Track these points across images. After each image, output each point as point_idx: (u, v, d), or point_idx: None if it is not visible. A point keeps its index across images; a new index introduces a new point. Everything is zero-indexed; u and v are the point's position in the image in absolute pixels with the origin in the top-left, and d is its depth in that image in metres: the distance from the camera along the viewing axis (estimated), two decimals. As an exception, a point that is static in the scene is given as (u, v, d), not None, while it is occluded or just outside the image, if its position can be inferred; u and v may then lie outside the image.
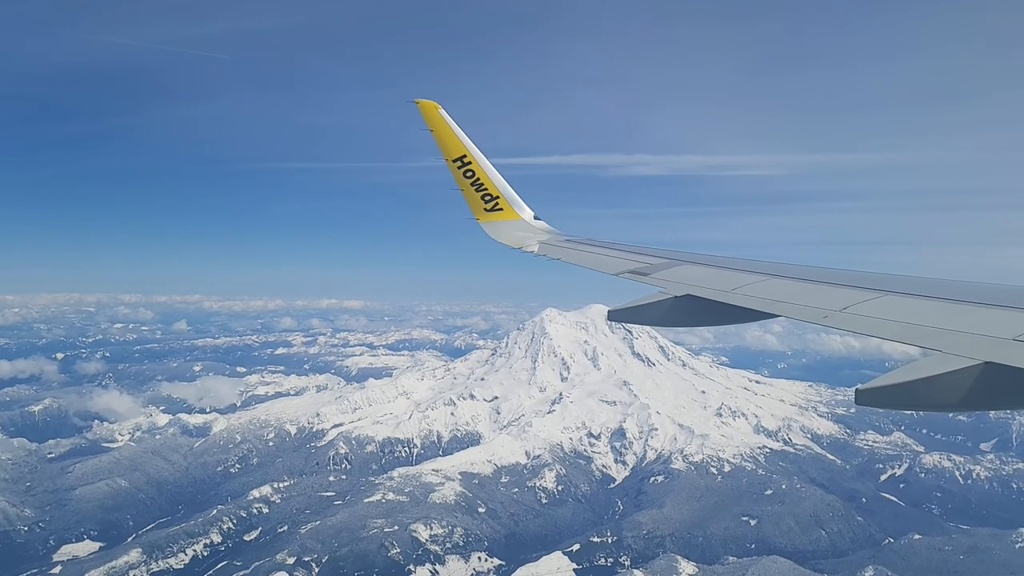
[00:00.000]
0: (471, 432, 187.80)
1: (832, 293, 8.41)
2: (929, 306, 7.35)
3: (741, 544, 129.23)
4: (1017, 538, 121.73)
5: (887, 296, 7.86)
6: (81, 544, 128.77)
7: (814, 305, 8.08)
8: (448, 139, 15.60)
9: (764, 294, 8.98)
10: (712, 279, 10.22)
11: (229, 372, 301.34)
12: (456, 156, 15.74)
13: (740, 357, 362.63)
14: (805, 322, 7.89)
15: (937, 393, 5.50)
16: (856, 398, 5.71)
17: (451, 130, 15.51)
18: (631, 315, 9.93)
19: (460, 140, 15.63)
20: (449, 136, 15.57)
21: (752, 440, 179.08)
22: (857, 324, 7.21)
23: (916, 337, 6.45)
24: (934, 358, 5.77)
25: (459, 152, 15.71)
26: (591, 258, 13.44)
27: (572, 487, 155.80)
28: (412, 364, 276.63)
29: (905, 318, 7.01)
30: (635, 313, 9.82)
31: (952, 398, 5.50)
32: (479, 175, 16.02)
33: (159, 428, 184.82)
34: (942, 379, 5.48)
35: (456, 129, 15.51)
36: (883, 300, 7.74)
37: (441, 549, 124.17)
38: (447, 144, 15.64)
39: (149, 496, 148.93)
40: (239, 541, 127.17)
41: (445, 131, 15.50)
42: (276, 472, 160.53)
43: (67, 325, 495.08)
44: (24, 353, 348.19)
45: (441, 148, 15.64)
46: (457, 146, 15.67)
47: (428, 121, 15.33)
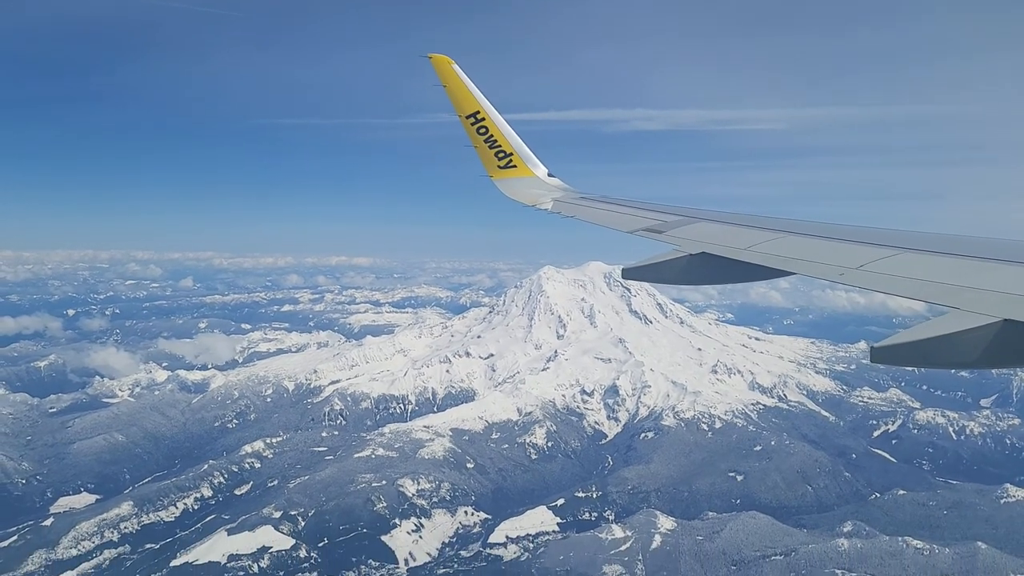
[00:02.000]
0: (466, 389, 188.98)
1: (848, 250, 8.45)
2: (946, 263, 7.35)
3: (726, 500, 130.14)
4: (1002, 494, 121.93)
5: (903, 253, 7.85)
6: (78, 496, 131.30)
7: (829, 262, 8.12)
8: (461, 95, 15.39)
9: (779, 251, 8.98)
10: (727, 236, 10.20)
11: (234, 329, 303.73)
12: (470, 112, 15.56)
13: (746, 314, 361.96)
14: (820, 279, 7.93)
15: (954, 351, 5.50)
16: (871, 356, 5.73)
17: (464, 86, 15.29)
18: (645, 273, 9.98)
19: (474, 96, 15.42)
20: (463, 92, 15.36)
21: (746, 397, 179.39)
22: (873, 281, 7.22)
23: (933, 295, 6.46)
24: (951, 316, 5.77)
25: (473, 108, 15.52)
26: (605, 216, 13.42)
27: (562, 443, 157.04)
28: (414, 322, 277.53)
29: (921, 275, 7.01)
30: (649, 271, 9.89)
31: (969, 356, 5.49)
32: (493, 132, 15.87)
33: (158, 384, 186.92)
34: (959, 337, 5.47)
35: (470, 85, 15.29)
36: (899, 257, 7.73)
37: (428, 503, 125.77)
38: (460, 100, 15.45)
39: (146, 451, 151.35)
40: (229, 495, 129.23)
41: (459, 87, 15.29)
42: (272, 428, 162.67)
43: (80, 282, 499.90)
44: (36, 309, 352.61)
45: (454, 104, 15.45)
46: (471, 102, 15.47)
47: (441, 76, 15.10)
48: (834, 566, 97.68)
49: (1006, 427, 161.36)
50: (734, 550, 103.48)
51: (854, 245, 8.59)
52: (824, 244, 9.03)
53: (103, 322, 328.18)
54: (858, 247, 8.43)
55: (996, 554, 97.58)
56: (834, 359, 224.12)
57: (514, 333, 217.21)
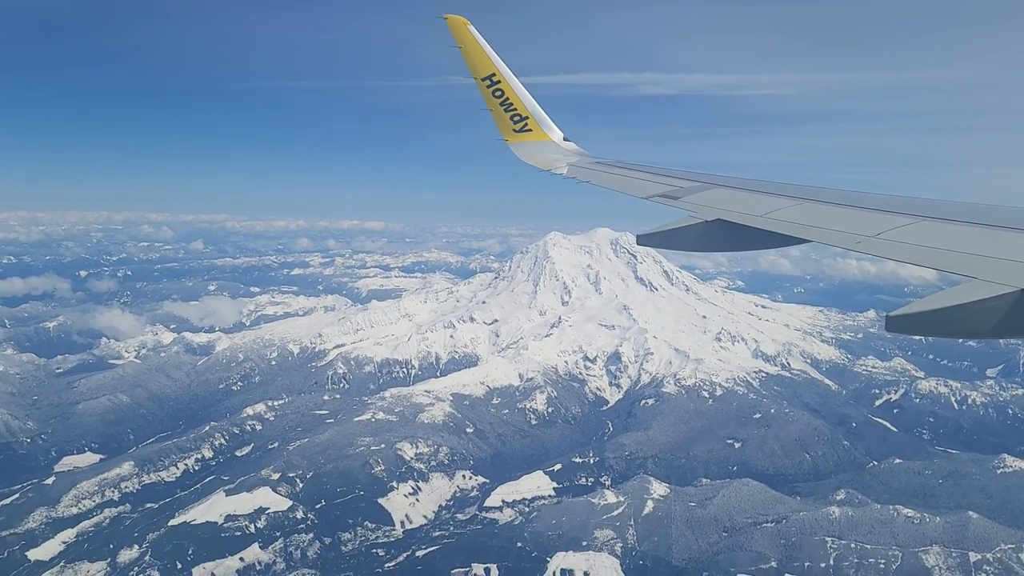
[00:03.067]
0: (469, 354, 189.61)
1: (865, 218, 8.44)
2: (964, 232, 7.35)
3: (723, 467, 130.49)
4: (999, 463, 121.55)
5: (921, 222, 7.83)
6: (82, 456, 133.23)
7: (846, 230, 8.10)
8: (477, 57, 15.17)
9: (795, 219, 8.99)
10: (743, 203, 10.18)
11: (243, 292, 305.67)
12: (485, 75, 15.33)
13: (757, 281, 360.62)
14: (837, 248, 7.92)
15: (970, 321, 5.51)
16: (886, 324, 5.74)
17: (480, 47, 15.08)
18: (660, 240, 10.00)
19: (490, 58, 15.19)
20: (478, 54, 15.14)
21: (749, 365, 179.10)
22: (890, 250, 7.24)
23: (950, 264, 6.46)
24: (968, 285, 5.76)
25: (488, 70, 15.29)
26: (620, 181, 13.36)
27: (563, 409, 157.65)
28: (422, 287, 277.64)
29: (939, 244, 7.01)
30: (664, 238, 9.89)
31: (985, 325, 5.50)
32: (508, 95, 15.68)
33: (164, 346, 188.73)
34: (976, 306, 5.47)
35: (486, 46, 15.08)
36: (917, 226, 7.71)
37: (426, 467, 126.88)
38: (476, 62, 15.23)
39: (150, 411, 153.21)
40: (230, 456, 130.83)
41: (474, 48, 15.07)
42: (275, 391, 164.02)
43: (93, 243, 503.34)
44: (48, 270, 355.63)
45: (470, 66, 15.23)
46: (486, 64, 15.24)
47: (457, 38, 14.88)
48: (824, 533, 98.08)
49: (1009, 397, 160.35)
50: (726, 516, 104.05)
51: (871, 213, 8.59)
52: (841, 212, 9.03)
53: (113, 284, 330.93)
54: (875, 215, 8.44)
55: (987, 524, 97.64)
56: (841, 328, 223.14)
57: (519, 299, 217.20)
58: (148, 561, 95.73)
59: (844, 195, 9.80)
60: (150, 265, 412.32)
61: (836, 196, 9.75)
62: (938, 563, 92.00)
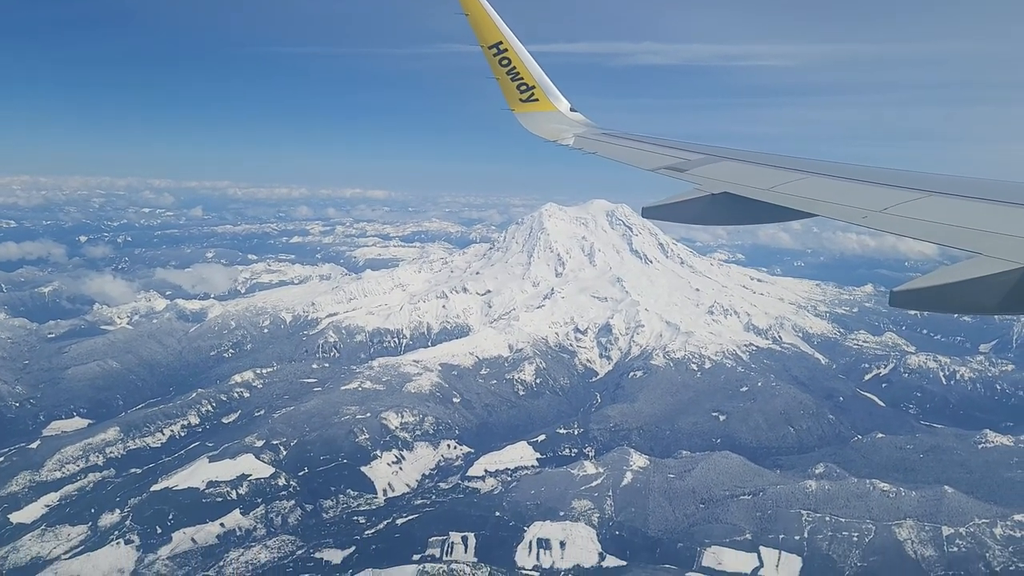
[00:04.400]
0: (461, 325, 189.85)
1: (873, 193, 8.42)
2: (972, 207, 7.32)
3: (706, 439, 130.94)
4: (981, 439, 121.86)
5: (929, 197, 7.80)
6: (70, 421, 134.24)
7: (853, 205, 8.08)
8: (484, 24, 14.90)
9: (802, 193, 8.97)
10: (750, 176, 10.15)
11: (240, 260, 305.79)
12: (492, 42, 15.07)
13: (757, 254, 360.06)
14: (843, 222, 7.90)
15: (976, 296, 5.51)
16: (891, 299, 5.73)
17: (487, 14, 14.82)
18: (665, 212, 9.94)
19: (497, 25, 14.93)
20: (485, 21, 14.87)
21: (740, 338, 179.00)
22: (896, 225, 7.23)
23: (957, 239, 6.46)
24: (975, 261, 5.77)
25: (495, 38, 15.03)
26: (627, 153, 13.31)
27: (551, 380, 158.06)
28: (419, 256, 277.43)
29: (946, 219, 6.99)
30: (670, 210, 9.84)
31: (991, 301, 5.49)
32: (515, 63, 15.43)
33: (156, 312, 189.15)
34: (982, 282, 5.47)
35: (492, 13, 14.83)
36: (925, 201, 7.69)
37: (410, 436, 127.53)
38: (483, 29, 14.96)
39: (140, 377, 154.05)
40: (216, 424, 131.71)
41: (481, 15, 14.81)
42: (266, 358, 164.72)
43: (95, 208, 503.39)
44: (47, 235, 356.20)
45: (476, 34, 14.97)
46: (493, 32, 14.98)
47: (464, 4, 14.64)
48: (800, 506, 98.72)
49: (998, 373, 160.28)
50: (703, 489, 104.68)
51: (879, 187, 8.56)
52: (848, 186, 8.98)
53: (112, 250, 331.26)
54: (883, 189, 8.40)
55: (963, 498, 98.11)
56: (837, 302, 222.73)
57: (512, 270, 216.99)
58: (129, 525, 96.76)
59: (851, 169, 9.78)
60: (150, 231, 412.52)
61: (843, 170, 9.75)
62: (911, 536, 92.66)
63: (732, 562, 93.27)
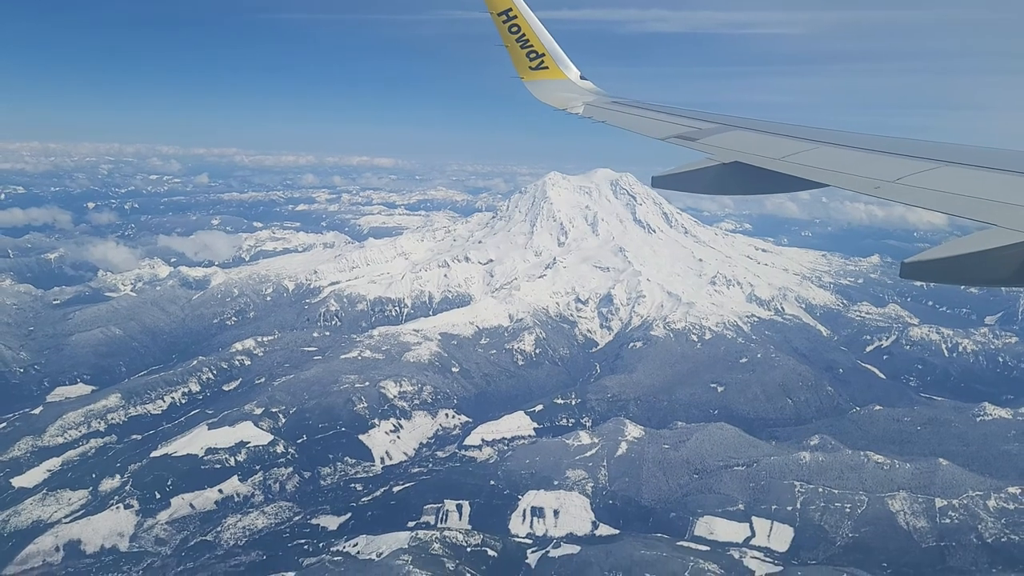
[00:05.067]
0: (462, 294, 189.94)
1: (886, 163, 8.35)
2: (986, 178, 7.28)
3: (704, 410, 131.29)
4: (979, 412, 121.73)
5: (943, 167, 7.74)
6: (74, 387, 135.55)
7: (866, 175, 8.02)
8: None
9: (814, 163, 8.89)
10: (762, 146, 10.10)
11: (246, 227, 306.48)
12: (502, 9, 14.99)
13: (765, 224, 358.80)
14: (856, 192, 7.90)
15: (989, 268, 5.47)
16: (901, 271, 5.73)
17: None
18: (676, 182, 9.87)
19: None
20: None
21: (742, 309, 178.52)
22: (910, 196, 7.17)
23: (970, 210, 6.42)
24: (988, 232, 5.73)
25: (505, 5, 14.94)
26: (637, 121, 13.26)
27: (550, 350, 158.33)
28: (423, 225, 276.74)
29: (960, 190, 6.94)
30: (680, 180, 9.78)
31: (1004, 272, 5.45)
32: (525, 31, 15.31)
33: (160, 280, 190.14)
34: (995, 253, 5.42)
35: None
36: (938, 171, 7.62)
37: (408, 405, 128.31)
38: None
39: (143, 344, 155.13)
40: (217, 391, 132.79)
41: None
42: (267, 326, 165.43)
43: (104, 175, 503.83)
44: (56, 201, 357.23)
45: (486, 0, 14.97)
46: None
47: None
48: (793, 478, 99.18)
49: (1001, 345, 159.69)
50: (697, 459, 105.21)
51: (892, 157, 8.48)
52: (861, 156, 8.93)
53: (118, 216, 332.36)
54: (896, 160, 8.33)
55: (957, 470, 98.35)
56: (842, 272, 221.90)
57: (515, 239, 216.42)
58: (128, 491, 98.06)
59: (864, 139, 9.69)
60: (157, 198, 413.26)
61: (856, 140, 9.68)
62: (903, 508, 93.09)
63: (724, 531, 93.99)
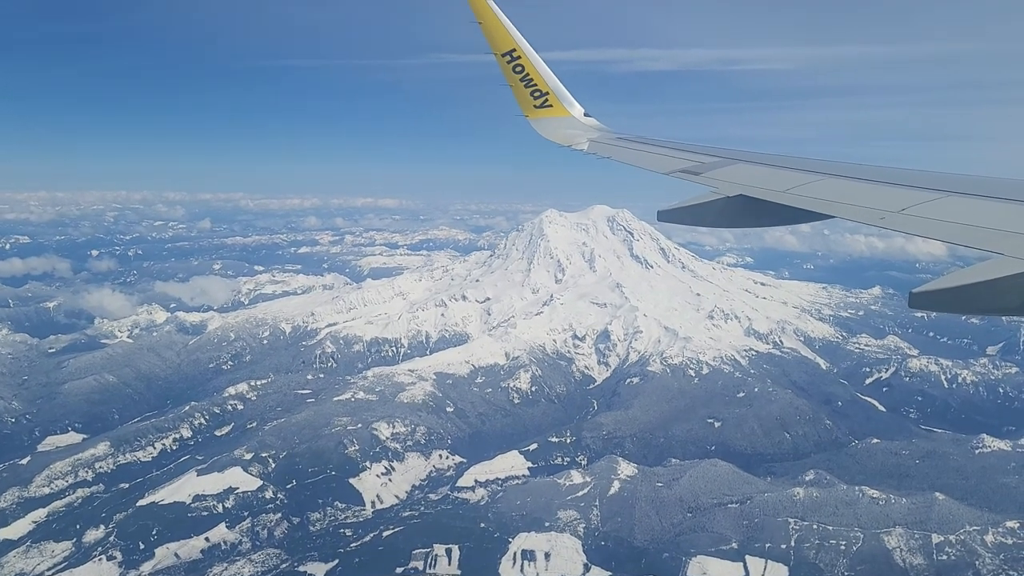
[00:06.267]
0: (460, 333, 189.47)
1: (890, 193, 8.38)
2: (991, 207, 7.27)
3: (701, 446, 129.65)
4: (978, 444, 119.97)
5: (947, 197, 7.74)
6: (65, 435, 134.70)
7: (871, 206, 8.05)
8: (497, 32, 15.06)
9: (819, 194, 8.94)
10: (766, 179, 10.15)
11: (246, 271, 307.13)
12: (505, 50, 15.22)
13: (767, 258, 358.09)
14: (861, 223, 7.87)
15: (997, 297, 5.45)
16: (910, 301, 5.69)
17: (500, 22, 14.95)
18: (681, 215, 9.92)
19: (510, 33, 15.09)
20: (498, 28, 15.02)
21: (740, 343, 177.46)
22: (915, 226, 7.18)
23: (976, 239, 6.43)
24: (995, 261, 5.73)
25: (509, 46, 15.17)
26: (641, 157, 13.38)
27: (546, 388, 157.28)
28: (423, 264, 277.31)
29: (964, 219, 6.94)
30: (685, 214, 9.83)
31: (1012, 302, 5.44)
32: (529, 70, 15.59)
33: (157, 325, 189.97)
34: (1004, 283, 5.41)
35: (506, 21, 14.95)
36: (943, 201, 7.63)
37: (401, 447, 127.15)
38: (496, 37, 15.11)
39: (137, 391, 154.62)
40: (209, 436, 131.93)
41: (494, 23, 14.94)
42: (263, 370, 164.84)
43: (110, 222, 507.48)
44: (61, 250, 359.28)
45: (490, 41, 15.11)
46: (506, 39, 15.13)
47: (477, 13, 14.76)
48: (787, 515, 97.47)
49: (1001, 376, 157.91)
50: (691, 497, 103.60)
51: (895, 188, 8.50)
52: (866, 187, 8.93)
53: (118, 263, 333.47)
54: (900, 190, 8.36)
55: (954, 505, 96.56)
56: (842, 305, 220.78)
57: (512, 277, 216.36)
58: (112, 541, 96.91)
59: (867, 170, 9.70)
60: (161, 244, 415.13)
61: (859, 171, 9.69)
62: (899, 544, 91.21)
63: (718, 572, 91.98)
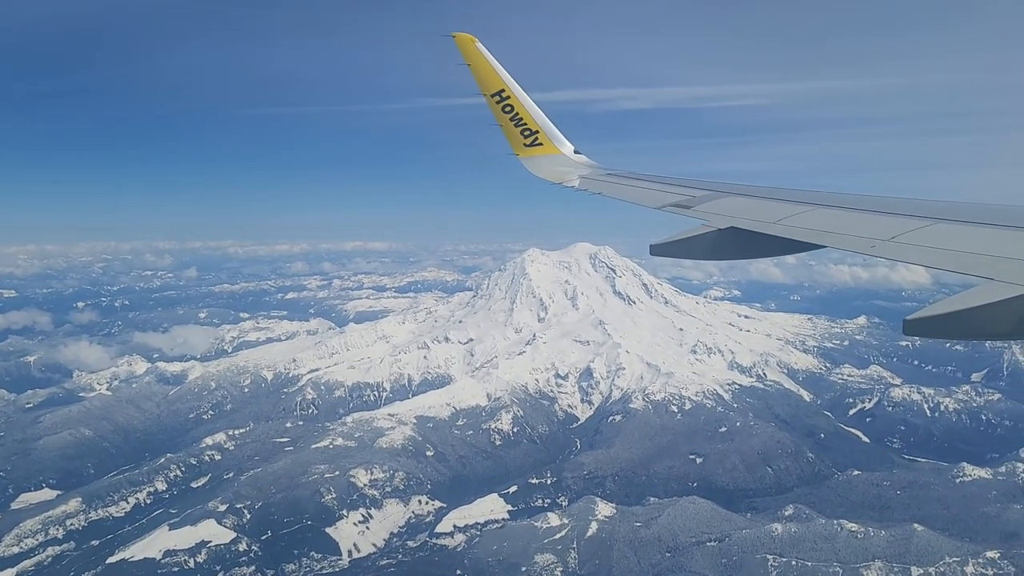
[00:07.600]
0: (442, 375, 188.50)
1: (880, 222, 8.46)
2: (981, 233, 7.35)
3: (683, 483, 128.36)
4: (959, 472, 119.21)
5: (937, 224, 7.82)
6: (39, 492, 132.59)
7: (861, 234, 8.13)
8: (486, 73, 15.30)
9: (809, 224, 9.01)
10: (757, 210, 10.28)
11: (232, 318, 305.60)
12: (494, 91, 15.49)
13: (753, 290, 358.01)
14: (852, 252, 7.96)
15: (989, 322, 5.51)
16: (904, 328, 5.75)
17: (489, 64, 15.20)
18: (673, 249, 9.99)
19: (498, 74, 15.34)
20: (487, 70, 15.27)
21: (723, 377, 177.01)
22: (906, 253, 7.25)
23: (967, 265, 6.48)
24: (986, 287, 5.78)
25: (497, 86, 15.44)
26: (632, 192, 13.52)
27: (528, 428, 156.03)
28: (410, 307, 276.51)
29: (955, 246, 7.02)
30: (678, 247, 9.90)
31: (1004, 326, 5.50)
32: (518, 110, 15.84)
33: (136, 377, 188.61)
34: (994, 308, 5.48)
35: (494, 63, 15.21)
36: (932, 228, 7.71)
37: (379, 494, 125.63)
38: (485, 78, 15.36)
39: (114, 444, 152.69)
40: (185, 489, 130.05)
41: (483, 65, 15.20)
42: (243, 419, 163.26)
43: (97, 274, 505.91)
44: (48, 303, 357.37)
45: (479, 83, 15.37)
46: (495, 80, 15.38)
47: (465, 55, 15.00)
48: (766, 551, 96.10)
49: (983, 402, 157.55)
50: (669, 536, 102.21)
51: (885, 216, 8.59)
52: (855, 216, 9.04)
53: (102, 315, 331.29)
54: (890, 218, 8.43)
55: (933, 536, 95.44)
56: (827, 335, 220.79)
57: (495, 317, 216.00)
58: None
59: (856, 199, 9.81)
60: (148, 294, 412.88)
61: (848, 201, 9.81)
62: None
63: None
